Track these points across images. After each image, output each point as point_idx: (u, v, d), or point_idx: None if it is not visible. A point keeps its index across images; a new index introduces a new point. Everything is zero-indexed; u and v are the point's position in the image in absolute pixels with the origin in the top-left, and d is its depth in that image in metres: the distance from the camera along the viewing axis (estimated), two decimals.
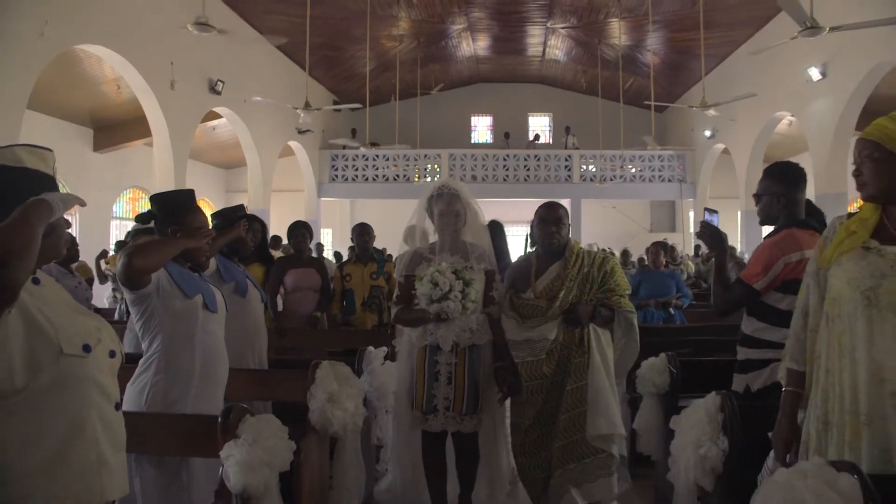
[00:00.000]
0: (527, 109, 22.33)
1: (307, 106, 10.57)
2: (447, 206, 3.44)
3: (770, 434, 2.28)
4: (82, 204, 1.77)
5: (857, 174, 2.12)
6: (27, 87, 7.99)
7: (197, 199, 2.92)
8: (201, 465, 2.52)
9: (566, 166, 19.03)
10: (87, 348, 1.68)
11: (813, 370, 2.20)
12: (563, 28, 16.59)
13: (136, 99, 11.04)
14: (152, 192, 13.16)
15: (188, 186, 10.58)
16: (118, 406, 1.80)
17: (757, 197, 3.06)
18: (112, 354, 1.79)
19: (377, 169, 19.05)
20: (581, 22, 15.83)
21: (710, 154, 17.61)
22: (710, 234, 3.04)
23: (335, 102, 19.22)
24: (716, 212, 3.51)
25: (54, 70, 9.57)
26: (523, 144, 20.68)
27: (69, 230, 1.91)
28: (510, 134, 20.99)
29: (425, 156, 19.20)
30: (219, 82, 12.44)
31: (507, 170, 19.08)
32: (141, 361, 2.63)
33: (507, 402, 3.49)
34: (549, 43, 18.14)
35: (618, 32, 15.59)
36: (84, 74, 12.10)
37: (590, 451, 3.29)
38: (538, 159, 19.13)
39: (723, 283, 3.00)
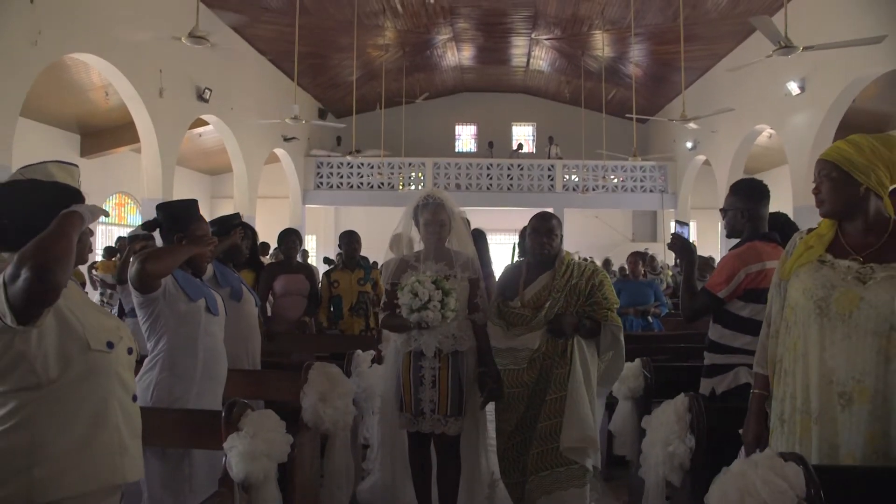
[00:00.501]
0: (511, 119, 22.58)
1: (296, 118, 10.70)
2: (433, 216, 3.52)
3: (741, 431, 2.46)
4: (106, 214, 1.94)
5: (816, 192, 2.28)
6: (20, 96, 8.11)
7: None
8: (202, 457, 2.69)
9: (549, 176, 19.27)
10: (110, 345, 1.86)
11: (774, 372, 2.39)
12: (547, 39, 16.85)
13: (124, 105, 11.14)
14: (139, 198, 13.31)
15: (174, 192, 10.77)
16: (135, 398, 1.98)
17: (723, 211, 3.27)
18: (130, 351, 1.97)
19: (361, 177, 19.20)
20: (565, 34, 16.09)
21: (691, 165, 17.90)
22: (680, 246, 3.24)
23: (321, 111, 19.39)
24: (686, 224, 3.63)
25: (42, 77, 9.65)
26: (507, 154, 20.91)
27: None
28: (494, 143, 21.23)
29: (410, 164, 19.39)
30: (206, 90, 12.57)
31: (491, 179, 19.29)
32: (146, 360, 2.80)
33: (491, 407, 3.56)
34: (534, 53, 18.39)
35: (601, 44, 15.87)
36: (72, 81, 12.19)
37: (563, 460, 3.32)
38: (521, 168, 19.36)
39: (690, 291, 3.20)
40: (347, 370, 3.94)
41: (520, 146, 21.71)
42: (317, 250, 20.60)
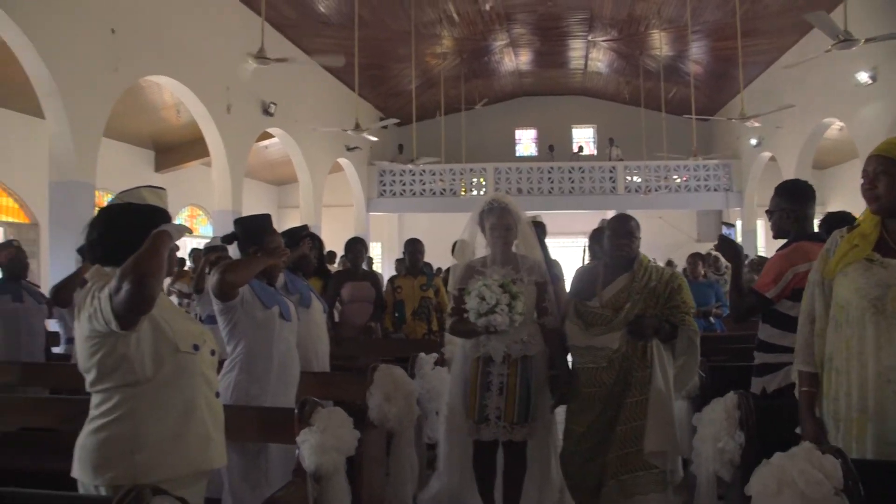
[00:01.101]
0: (570, 121, 22.51)
1: (357, 128, 11.02)
2: (498, 220, 3.53)
3: (797, 430, 2.50)
4: (190, 232, 2.18)
5: (870, 188, 2.29)
6: (103, 118, 8.65)
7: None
8: (278, 451, 2.93)
9: (611, 178, 19.18)
10: (196, 347, 2.10)
11: (823, 371, 2.43)
12: (603, 41, 16.83)
13: (194, 122, 11.66)
14: (210, 209, 13.83)
15: (243, 203, 11.24)
16: (218, 394, 2.21)
17: (769, 213, 3.34)
18: (212, 353, 2.20)
19: (424, 184, 19.45)
20: (622, 35, 16.05)
21: (756, 162, 17.59)
22: (727, 247, 3.32)
23: (381, 119, 19.75)
24: (732, 225, 3.69)
25: (120, 99, 10.23)
26: (567, 157, 20.90)
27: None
28: (554, 146, 21.23)
29: (471, 170, 19.55)
30: (271, 104, 13.03)
31: (552, 182, 19.30)
32: (226, 363, 3.05)
33: (560, 410, 3.57)
34: (591, 55, 18.37)
35: (659, 43, 15.77)
36: (146, 101, 12.82)
37: (644, 464, 3.30)
38: (582, 171, 19.32)
39: (738, 292, 3.28)
40: (411, 372, 4.12)
41: (580, 149, 21.65)
42: (382, 257, 20.94)
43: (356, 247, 6.08)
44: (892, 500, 1.96)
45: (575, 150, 21.61)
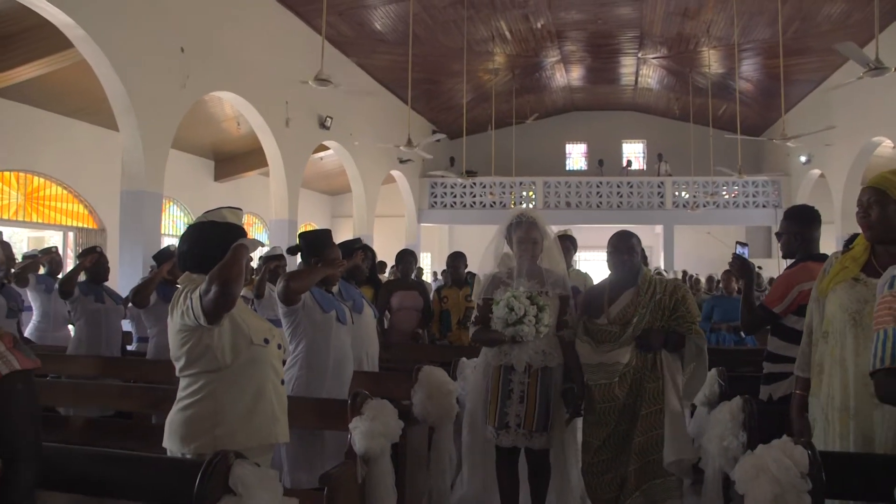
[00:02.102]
0: (621, 136, 22.65)
1: (409, 143, 11.49)
2: (525, 234, 3.63)
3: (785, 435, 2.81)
4: (262, 245, 2.61)
5: (864, 216, 2.54)
6: (172, 132, 9.28)
7: (304, 224, 3.76)
8: (332, 437, 3.34)
9: (659, 192, 19.28)
10: (266, 341, 2.52)
11: (814, 376, 2.74)
12: (654, 58, 17.02)
13: (253, 133, 12.27)
14: (267, 218, 14.41)
15: (299, 212, 11.76)
16: (283, 381, 2.62)
17: (778, 235, 3.62)
18: (279, 346, 2.61)
19: (474, 196, 19.82)
20: (671, 52, 16.22)
21: (806, 179, 17.53)
22: (739, 266, 3.63)
23: (434, 133, 20.23)
24: (746, 245, 3.94)
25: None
26: (617, 171, 21.06)
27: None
28: (604, 161, 21.41)
29: (521, 183, 19.85)
30: (328, 118, 13.59)
31: (601, 196, 19.49)
32: (289, 360, 3.50)
33: (580, 421, 3.64)
34: (642, 72, 18.55)
35: (708, 61, 15.90)
36: (208, 114, 13.50)
37: (660, 473, 3.38)
38: (631, 186, 19.46)
39: (749, 307, 3.57)
40: (453, 374, 4.49)
41: (629, 163, 21.78)
42: (432, 267, 21.38)
43: (406, 258, 6.48)
44: (852, 484, 2.26)
45: (624, 164, 21.75)
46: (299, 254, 3.73)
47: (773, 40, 14.04)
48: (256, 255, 9.27)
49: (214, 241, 2.48)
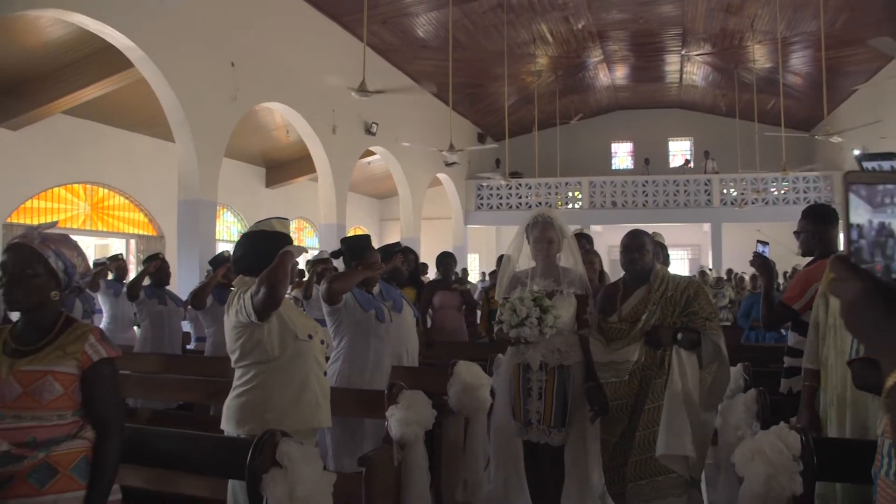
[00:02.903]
0: (667, 134, 22.54)
1: (451, 148, 11.77)
2: (541, 233, 3.68)
3: (792, 420, 3.00)
4: (306, 251, 2.92)
5: None
6: (224, 142, 9.74)
7: (353, 227, 4.07)
8: (371, 425, 3.64)
9: (706, 190, 19.16)
10: (310, 336, 2.81)
11: (822, 370, 2.93)
12: (698, 55, 16.98)
13: (302, 141, 12.72)
14: (316, 222, 14.82)
15: (347, 215, 12.16)
16: (325, 373, 2.92)
17: (797, 234, 3.78)
18: (322, 342, 2.91)
19: (520, 197, 19.97)
20: (716, 48, 16.18)
21: None
22: (760, 263, 3.80)
23: (479, 135, 20.47)
24: (766, 243, 4.06)
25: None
26: (664, 170, 20.97)
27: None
28: (650, 160, 21.35)
29: (566, 184, 19.96)
30: (373, 124, 13.96)
31: (647, 195, 19.43)
32: (332, 355, 3.80)
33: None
34: (686, 69, 18.50)
35: (754, 56, 15.79)
36: (258, 123, 14.01)
37: (661, 469, 3.37)
38: (677, 184, 19.38)
39: (768, 303, 3.74)
40: (489, 370, 4.74)
41: (687, 161, 21.52)
42: (479, 268, 21.59)
43: (446, 261, 6.76)
44: (843, 467, 2.44)
45: (682, 162, 21.56)
46: (341, 257, 4.05)
47: (821, 32, 13.93)
48: (303, 260, 9.72)
49: (264, 247, 2.79)
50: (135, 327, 6.99)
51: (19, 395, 2.02)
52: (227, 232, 15.54)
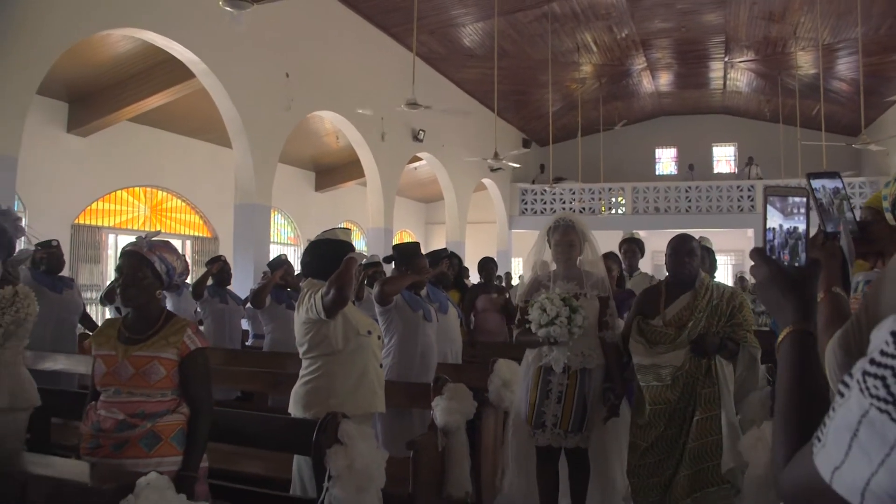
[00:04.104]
0: (711, 140, 22.48)
1: (496, 156, 12.13)
2: (562, 237, 3.72)
3: None
4: (367, 258, 3.31)
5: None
6: (279, 149, 10.24)
7: (399, 231, 4.46)
8: (418, 415, 4.01)
9: (749, 196, 19.12)
10: (369, 332, 3.19)
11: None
12: (741, 62, 17.03)
13: (351, 146, 13.18)
14: (364, 226, 15.26)
15: (394, 219, 12.63)
16: (381, 365, 3.29)
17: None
18: (379, 337, 3.29)
19: (564, 203, 20.14)
20: (759, 55, 16.22)
21: None
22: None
23: (524, 141, 20.75)
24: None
25: None
26: (708, 175, 20.94)
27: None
28: (695, 165, 21.35)
29: (609, 189, 20.10)
30: (420, 131, 14.37)
31: (690, 201, 19.44)
32: (383, 351, 4.18)
33: (622, 423, 3.69)
34: (730, 76, 18.52)
35: (799, 62, 15.79)
36: (310, 130, 14.50)
37: (716, 480, 3.34)
38: (720, 190, 19.37)
39: None
40: None
41: (750, 159, 21.11)
42: (523, 272, 21.78)
43: (488, 265, 7.11)
44: None
45: (745, 162, 21.26)
46: (393, 262, 4.45)
47: (866, 38, 13.90)
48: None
49: (330, 254, 3.19)
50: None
51: (132, 375, 2.46)
52: (279, 234, 16.08)
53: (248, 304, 6.54)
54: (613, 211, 19.88)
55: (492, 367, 4.50)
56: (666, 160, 23.08)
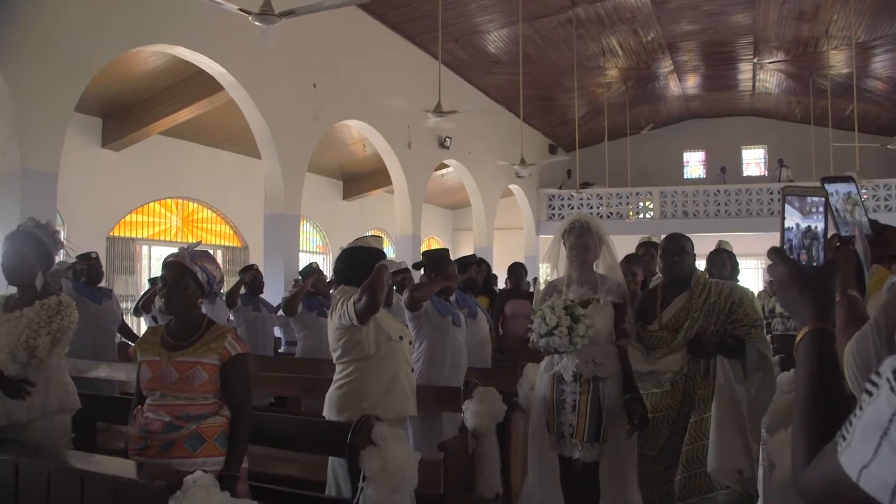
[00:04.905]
0: (740, 142, 22.21)
1: (523, 162, 12.19)
2: (577, 239, 3.50)
3: None
4: (398, 265, 3.38)
5: None
6: (307, 158, 10.39)
7: (427, 238, 4.52)
8: (448, 418, 4.07)
9: (780, 199, 18.83)
10: (400, 338, 3.26)
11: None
12: (771, 63, 16.89)
13: (378, 154, 13.31)
14: (392, 234, 15.40)
15: (421, 226, 12.78)
16: (413, 370, 3.37)
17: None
18: (410, 342, 3.36)
19: (591, 207, 20.07)
20: (789, 56, 16.08)
21: None
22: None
23: (550, 146, 20.77)
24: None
25: None
26: (737, 178, 20.73)
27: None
28: (726, 168, 21.10)
29: (636, 193, 20.02)
30: (447, 139, 14.46)
31: (719, 205, 19.27)
32: (413, 356, 4.24)
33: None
34: (759, 77, 18.36)
35: (831, 62, 15.62)
36: (336, 138, 14.63)
37: (713, 485, 3.25)
38: (750, 193, 19.18)
39: None
40: None
41: (780, 161, 20.78)
42: (552, 278, 21.71)
43: (517, 270, 7.17)
44: None
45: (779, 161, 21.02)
46: (422, 269, 4.52)
47: None
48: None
49: (362, 261, 3.27)
50: None
51: (176, 379, 2.57)
52: (307, 242, 16.24)
53: (281, 312, 6.66)
54: (641, 215, 19.79)
55: (521, 371, 4.56)
56: (694, 163, 22.89)
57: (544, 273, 3.75)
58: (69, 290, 5.19)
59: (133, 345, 4.08)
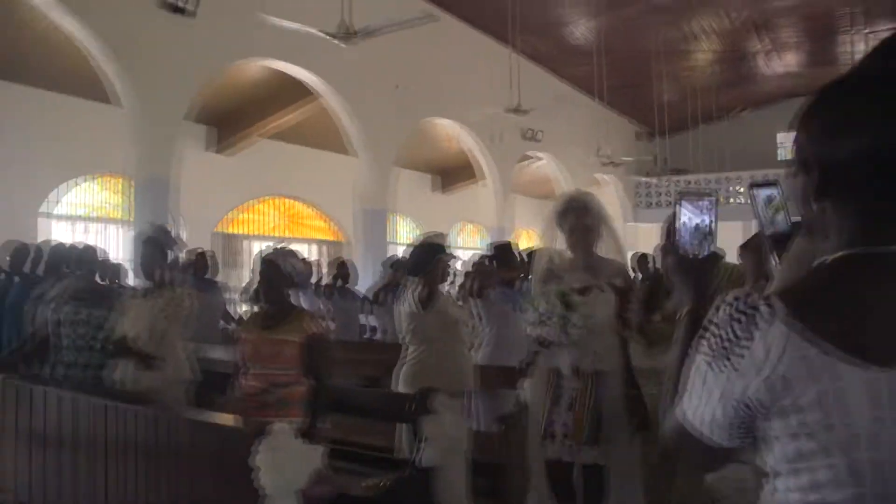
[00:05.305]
0: None
1: (607, 157, 12.40)
2: (577, 221, 3.14)
3: None
4: (454, 257, 3.86)
5: None
6: (393, 153, 11.02)
7: (518, 229, 4.98)
8: (510, 395, 4.52)
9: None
10: (458, 322, 3.74)
11: None
12: (886, 30, 16.17)
13: (468, 149, 13.79)
14: (484, 225, 15.81)
15: (516, 217, 13.36)
16: (469, 350, 3.86)
17: None
18: (467, 327, 3.84)
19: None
20: None
21: None
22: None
23: (637, 133, 20.65)
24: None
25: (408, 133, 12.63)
26: None
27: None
28: None
29: (727, 178, 19.73)
30: (539, 132, 14.71)
31: None
32: (483, 340, 4.73)
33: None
34: (859, 50, 17.64)
35: None
36: (428, 135, 15.17)
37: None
38: None
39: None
40: None
41: None
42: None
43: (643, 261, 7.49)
44: None
45: None
46: (495, 261, 5.00)
47: None
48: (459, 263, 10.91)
49: (425, 255, 3.77)
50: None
51: (269, 353, 3.20)
52: (400, 236, 16.83)
53: (368, 301, 7.25)
54: (732, 200, 19.45)
55: None
56: (790, 145, 22.03)
57: (536, 259, 3.41)
58: (184, 282, 5.93)
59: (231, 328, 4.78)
